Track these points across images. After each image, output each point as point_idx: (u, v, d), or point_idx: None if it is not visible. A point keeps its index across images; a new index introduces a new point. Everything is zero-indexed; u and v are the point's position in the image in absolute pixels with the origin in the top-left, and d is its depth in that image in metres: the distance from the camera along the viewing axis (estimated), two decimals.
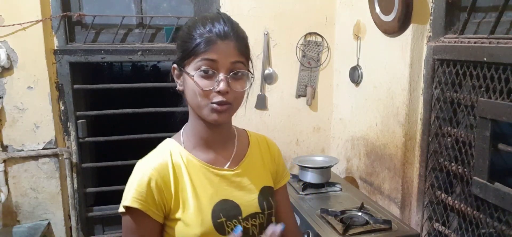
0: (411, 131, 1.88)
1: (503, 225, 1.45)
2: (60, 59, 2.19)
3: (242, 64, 0.95)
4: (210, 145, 1.02)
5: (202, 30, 0.92)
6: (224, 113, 0.93)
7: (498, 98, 1.43)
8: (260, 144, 1.13)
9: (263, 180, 1.09)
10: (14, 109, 2.11)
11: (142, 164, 0.97)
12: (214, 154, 1.02)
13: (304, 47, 2.47)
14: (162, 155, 0.98)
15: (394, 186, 1.98)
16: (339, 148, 2.54)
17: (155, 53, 2.32)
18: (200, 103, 0.93)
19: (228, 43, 0.92)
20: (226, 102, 0.92)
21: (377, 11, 1.98)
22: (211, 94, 0.91)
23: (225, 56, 0.91)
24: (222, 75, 0.91)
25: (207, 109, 0.93)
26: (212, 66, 0.91)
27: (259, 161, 1.10)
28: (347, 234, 1.66)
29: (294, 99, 2.52)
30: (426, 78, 1.80)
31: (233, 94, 0.93)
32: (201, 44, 0.91)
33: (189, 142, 1.02)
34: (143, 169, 0.95)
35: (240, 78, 0.94)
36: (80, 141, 2.30)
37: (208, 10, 2.38)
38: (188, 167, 0.98)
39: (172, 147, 1.01)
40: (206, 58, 0.91)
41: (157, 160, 0.96)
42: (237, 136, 1.09)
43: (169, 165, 0.96)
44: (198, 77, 0.91)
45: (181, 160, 0.98)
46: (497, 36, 1.45)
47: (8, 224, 2.18)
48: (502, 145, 1.45)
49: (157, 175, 0.94)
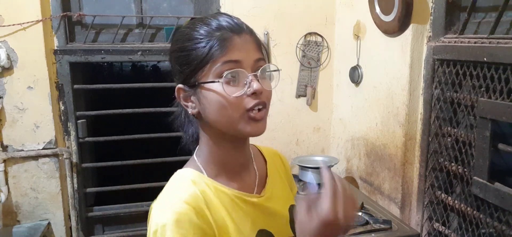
0: (411, 131, 1.88)
1: (503, 225, 1.45)
2: (60, 59, 2.19)
3: (264, 61, 0.81)
4: (235, 170, 0.86)
5: (207, 28, 0.77)
6: (262, 121, 0.80)
7: (498, 98, 1.43)
8: (274, 159, 1.01)
9: (288, 199, 0.97)
10: (14, 109, 2.11)
11: (167, 203, 0.77)
12: (240, 180, 0.87)
13: (304, 47, 2.47)
14: (187, 187, 0.79)
15: (394, 186, 1.98)
16: (339, 148, 2.54)
17: (155, 53, 2.31)
18: (232, 116, 0.76)
19: (245, 37, 0.77)
20: (263, 105, 0.78)
21: (377, 11, 1.98)
22: (244, 102, 0.76)
23: (248, 54, 0.76)
24: (252, 74, 0.76)
25: (242, 121, 0.77)
26: (238, 67, 0.75)
27: (279, 179, 0.98)
28: (347, 234, 1.66)
29: (294, 99, 2.52)
30: (426, 78, 1.79)
31: (266, 94, 0.78)
32: (215, 45, 0.75)
33: (210, 169, 0.84)
34: (175, 206, 0.74)
35: (266, 77, 0.80)
36: (80, 141, 2.30)
37: (208, 10, 2.39)
38: (220, 198, 0.81)
39: (193, 177, 0.82)
40: (228, 60, 0.75)
41: (186, 193, 0.77)
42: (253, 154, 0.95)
43: (199, 197, 0.78)
44: (224, 85, 0.75)
45: (209, 191, 0.80)
46: (497, 36, 1.45)
47: (8, 224, 2.18)
48: (502, 145, 1.45)
49: (194, 211, 0.75)
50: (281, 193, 0.96)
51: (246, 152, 0.89)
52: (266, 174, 0.94)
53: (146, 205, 2.43)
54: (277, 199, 0.92)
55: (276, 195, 0.93)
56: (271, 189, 0.92)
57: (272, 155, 1.01)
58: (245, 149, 0.88)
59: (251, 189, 0.89)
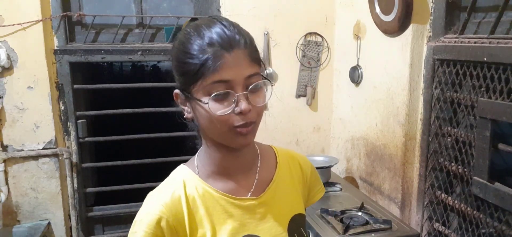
0: (411, 131, 1.88)
1: (503, 225, 1.45)
2: (60, 59, 2.19)
3: (257, 75, 0.80)
4: (229, 172, 0.87)
5: (200, 42, 0.76)
6: (250, 134, 0.80)
7: (498, 98, 1.43)
8: (290, 164, 0.97)
9: (294, 208, 0.94)
10: (14, 109, 2.11)
11: (152, 199, 0.85)
12: (234, 182, 0.87)
13: (304, 47, 2.47)
14: (173, 188, 0.84)
15: (394, 186, 1.98)
16: (339, 148, 2.54)
17: (155, 53, 2.31)
18: (220, 130, 0.79)
19: (237, 54, 0.76)
20: (251, 122, 0.79)
21: (377, 11, 1.98)
22: (231, 118, 0.77)
23: (238, 72, 0.76)
24: (241, 94, 0.76)
25: (230, 135, 0.79)
26: (226, 87, 0.76)
27: (289, 185, 0.95)
28: (347, 234, 1.66)
29: (294, 99, 2.52)
30: (426, 78, 1.79)
31: (256, 110, 0.79)
32: (206, 63, 0.75)
33: (204, 170, 0.87)
34: (154, 206, 0.82)
35: (259, 90, 0.80)
36: (80, 141, 2.30)
37: (208, 10, 2.39)
38: (205, 200, 0.84)
39: (186, 176, 0.86)
40: (217, 81, 0.75)
41: (168, 195, 0.83)
42: (260, 157, 0.93)
43: (182, 199, 0.83)
44: (212, 104, 0.76)
45: (196, 192, 0.84)
46: (497, 36, 1.45)
47: (8, 224, 2.18)
48: (502, 145, 1.45)
49: (169, 213, 0.81)
50: (286, 199, 0.93)
51: (244, 155, 0.88)
52: (272, 179, 0.92)
53: None
54: (278, 205, 0.90)
55: (278, 200, 0.91)
56: (272, 194, 0.90)
57: (288, 159, 0.98)
58: (241, 155, 0.87)
59: (246, 192, 0.88)
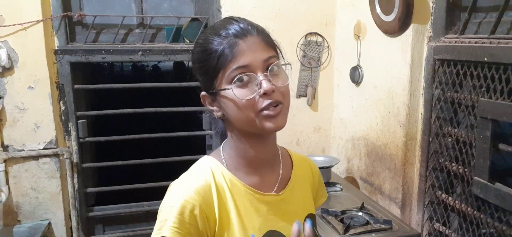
0: (412, 131, 1.88)
1: (503, 225, 1.45)
2: (60, 59, 2.19)
3: (275, 58, 0.84)
4: (255, 166, 0.89)
5: (217, 39, 0.81)
6: (280, 115, 0.82)
7: (498, 98, 1.43)
8: (302, 166, 1.01)
9: (307, 208, 0.98)
10: (15, 109, 2.11)
11: (181, 186, 0.84)
12: (259, 177, 0.89)
13: (304, 47, 2.47)
14: (204, 175, 0.85)
15: (394, 186, 1.98)
16: (339, 148, 2.54)
17: (155, 53, 2.32)
18: (248, 116, 0.80)
19: (251, 39, 0.81)
20: (278, 102, 0.81)
21: (377, 11, 1.98)
22: (257, 102, 0.79)
23: (255, 55, 0.80)
24: (261, 75, 0.79)
25: (259, 119, 0.80)
26: (246, 71, 0.79)
27: (302, 185, 0.99)
28: (348, 234, 1.66)
29: (295, 99, 2.52)
30: (426, 78, 1.79)
31: (279, 91, 0.82)
32: (224, 53, 0.79)
33: (231, 162, 0.89)
34: (185, 192, 0.81)
35: (278, 73, 0.83)
36: (80, 141, 2.30)
37: (208, 10, 2.39)
38: (233, 191, 0.85)
39: (213, 165, 0.87)
40: (237, 66, 0.79)
41: (199, 182, 0.83)
42: (281, 155, 0.97)
43: (212, 187, 0.83)
44: (236, 91, 0.79)
45: (224, 182, 0.85)
46: (497, 36, 1.45)
47: (8, 224, 2.18)
48: (503, 145, 1.45)
49: (202, 200, 0.81)
50: (301, 198, 0.97)
51: (269, 149, 0.91)
52: (290, 177, 0.95)
53: (146, 205, 2.43)
54: (295, 203, 0.94)
55: (295, 199, 0.94)
56: (290, 192, 0.93)
57: (301, 161, 1.02)
58: (268, 147, 0.90)
59: (270, 188, 0.91)
